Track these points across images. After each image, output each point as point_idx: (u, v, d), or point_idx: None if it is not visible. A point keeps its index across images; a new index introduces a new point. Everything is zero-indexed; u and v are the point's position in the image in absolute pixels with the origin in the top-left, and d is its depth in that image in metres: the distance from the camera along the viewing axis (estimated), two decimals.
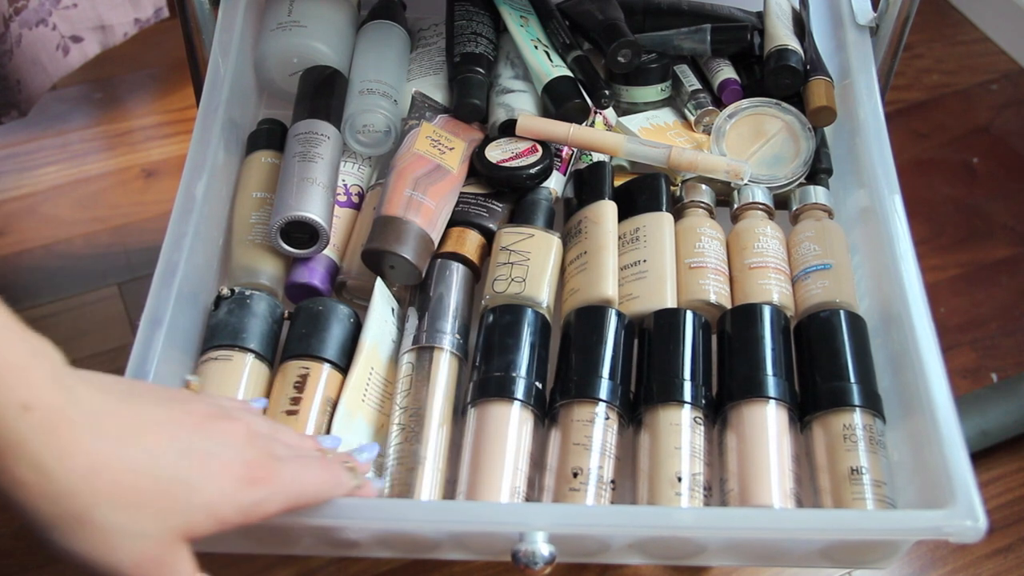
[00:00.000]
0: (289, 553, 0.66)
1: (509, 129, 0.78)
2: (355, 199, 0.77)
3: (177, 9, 0.84)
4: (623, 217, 0.74)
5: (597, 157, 0.80)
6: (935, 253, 1.24)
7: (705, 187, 0.76)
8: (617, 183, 0.77)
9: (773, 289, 0.70)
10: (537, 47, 0.81)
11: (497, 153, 0.76)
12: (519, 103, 0.79)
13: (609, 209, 0.73)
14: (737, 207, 0.76)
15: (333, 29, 0.84)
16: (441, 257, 0.72)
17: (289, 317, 0.69)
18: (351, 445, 0.63)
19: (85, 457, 0.44)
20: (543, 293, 0.69)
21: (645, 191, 0.75)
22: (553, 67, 0.79)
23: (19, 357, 0.43)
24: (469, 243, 0.73)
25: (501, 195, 0.76)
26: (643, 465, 0.63)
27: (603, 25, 0.82)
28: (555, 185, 0.77)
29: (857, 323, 0.68)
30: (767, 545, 0.63)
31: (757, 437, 0.62)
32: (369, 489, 0.58)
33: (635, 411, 0.65)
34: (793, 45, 0.81)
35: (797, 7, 0.88)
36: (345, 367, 0.67)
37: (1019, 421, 1.04)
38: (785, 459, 0.62)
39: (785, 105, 0.80)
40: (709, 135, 0.81)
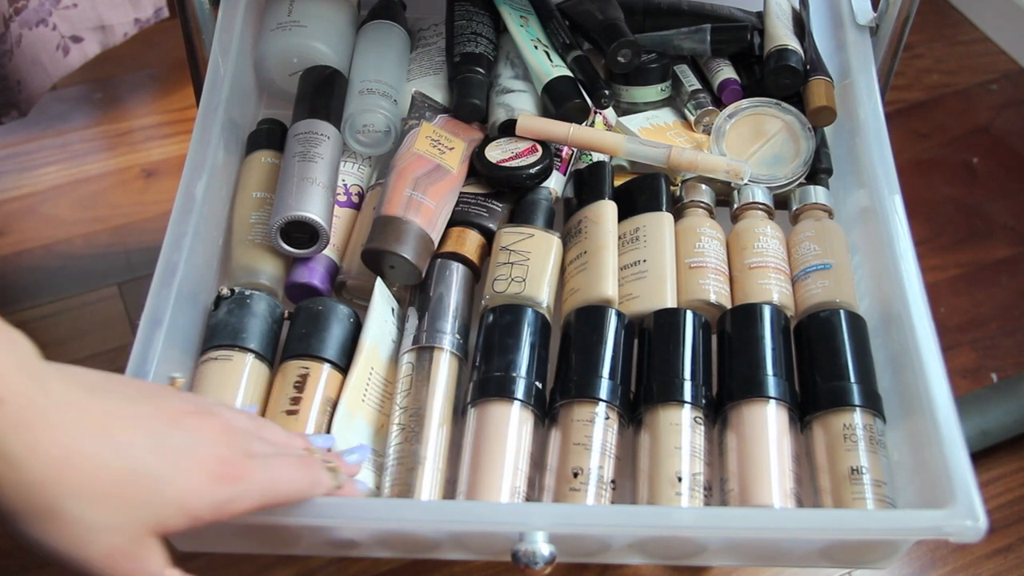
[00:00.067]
0: (289, 553, 0.66)
1: (509, 129, 0.78)
2: (355, 199, 0.77)
3: (177, 9, 0.84)
4: (623, 217, 0.74)
5: (597, 157, 0.79)
6: (935, 253, 1.23)
7: (705, 187, 0.76)
8: (617, 183, 0.77)
9: (773, 289, 0.70)
10: (537, 47, 0.81)
11: (497, 153, 0.76)
12: (519, 103, 0.79)
13: (609, 209, 0.73)
14: (737, 207, 0.76)
15: (333, 29, 0.84)
16: (441, 257, 0.72)
17: (289, 317, 0.69)
18: (349, 445, 0.62)
19: (55, 449, 0.44)
20: (543, 293, 0.69)
21: (645, 191, 0.75)
22: (553, 67, 0.79)
23: None
24: (469, 243, 0.73)
25: (501, 195, 0.76)
26: (643, 465, 0.63)
27: (603, 25, 0.82)
28: (555, 185, 0.77)
29: (857, 323, 0.68)
30: (767, 545, 0.63)
31: (757, 437, 0.62)
32: (350, 490, 0.58)
33: (635, 411, 0.65)
34: (793, 45, 0.81)
35: (797, 7, 0.88)
36: (345, 367, 0.67)
37: (1019, 421, 1.04)
38: (785, 459, 0.62)
39: (785, 105, 0.80)
40: (709, 135, 0.81)
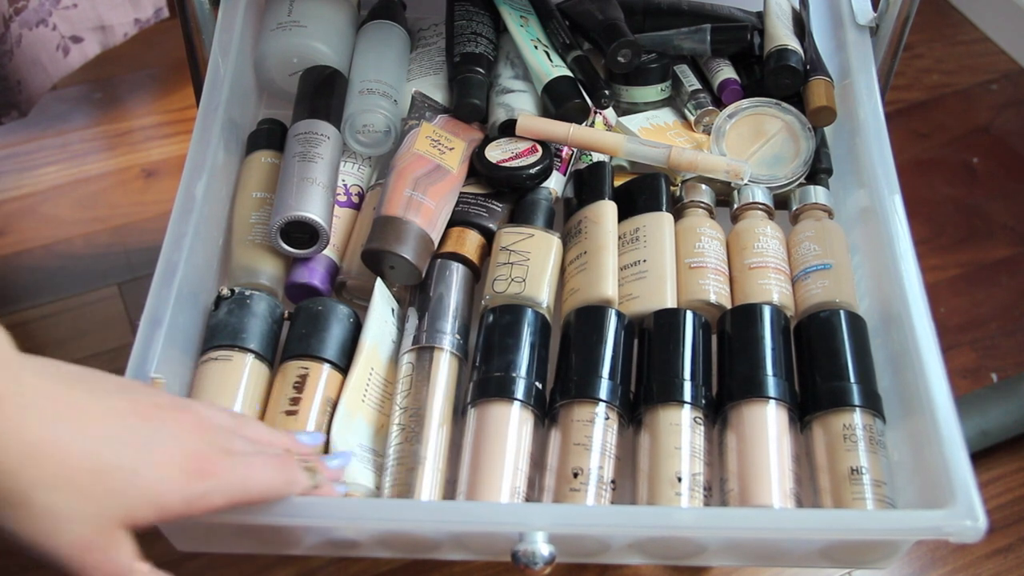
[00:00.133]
0: (289, 553, 0.66)
1: (509, 129, 0.78)
2: (355, 199, 0.77)
3: (177, 9, 0.84)
4: (623, 217, 0.74)
5: (597, 157, 0.79)
6: (935, 253, 1.23)
7: (705, 187, 0.76)
8: (617, 183, 0.77)
9: (773, 289, 0.70)
10: (537, 47, 0.81)
11: (497, 153, 0.76)
12: (519, 103, 0.79)
13: (609, 209, 0.73)
14: (737, 207, 0.76)
15: (333, 29, 0.84)
16: (441, 257, 0.72)
17: (289, 317, 0.69)
18: (348, 445, 0.63)
19: (28, 437, 0.44)
20: (543, 293, 0.69)
21: (645, 191, 0.75)
22: (553, 67, 0.79)
23: None
24: (469, 243, 0.73)
25: (501, 195, 0.76)
26: (643, 465, 0.63)
27: (603, 25, 0.82)
28: (555, 185, 0.77)
29: (857, 323, 0.68)
30: (767, 545, 0.63)
31: (757, 437, 0.62)
32: (328, 490, 0.58)
33: (635, 411, 0.65)
34: (793, 45, 0.81)
35: (797, 7, 0.88)
36: (345, 367, 0.67)
37: (1019, 421, 1.04)
38: (785, 459, 0.62)
39: (785, 105, 0.80)
40: (709, 135, 0.81)
